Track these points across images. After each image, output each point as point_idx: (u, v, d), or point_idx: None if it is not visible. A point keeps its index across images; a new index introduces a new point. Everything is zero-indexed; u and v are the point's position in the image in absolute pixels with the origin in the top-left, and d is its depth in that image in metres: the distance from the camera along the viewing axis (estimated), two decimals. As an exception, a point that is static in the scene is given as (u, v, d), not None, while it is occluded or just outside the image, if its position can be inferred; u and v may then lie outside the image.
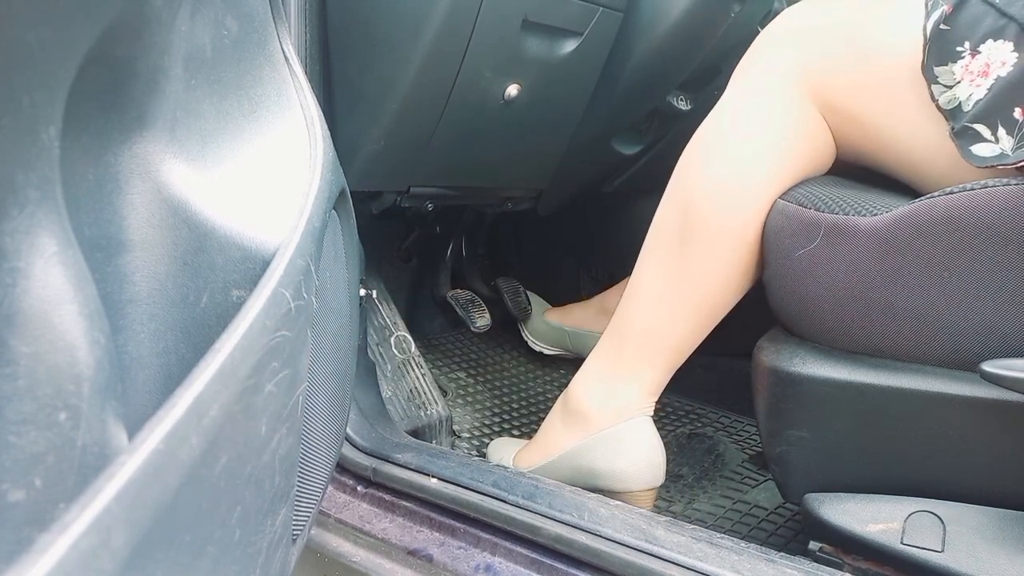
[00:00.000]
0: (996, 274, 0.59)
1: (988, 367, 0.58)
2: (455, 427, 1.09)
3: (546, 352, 1.30)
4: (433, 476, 0.75)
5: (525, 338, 1.33)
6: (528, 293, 1.37)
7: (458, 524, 0.72)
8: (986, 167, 0.61)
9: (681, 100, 1.11)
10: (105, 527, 0.23)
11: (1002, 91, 0.60)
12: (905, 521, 0.65)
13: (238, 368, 0.32)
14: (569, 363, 1.32)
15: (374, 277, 1.11)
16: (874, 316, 0.65)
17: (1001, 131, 0.60)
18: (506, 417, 1.16)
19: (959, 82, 0.63)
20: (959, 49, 0.63)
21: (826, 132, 0.76)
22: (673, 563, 0.62)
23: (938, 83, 0.65)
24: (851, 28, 0.73)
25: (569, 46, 0.91)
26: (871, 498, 0.68)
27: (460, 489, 0.73)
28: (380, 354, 1.03)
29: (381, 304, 1.09)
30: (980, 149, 0.62)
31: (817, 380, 0.68)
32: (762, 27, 1.01)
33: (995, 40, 0.61)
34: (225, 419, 0.31)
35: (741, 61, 0.80)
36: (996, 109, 0.61)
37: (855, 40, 0.72)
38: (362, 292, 0.99)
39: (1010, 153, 0.60)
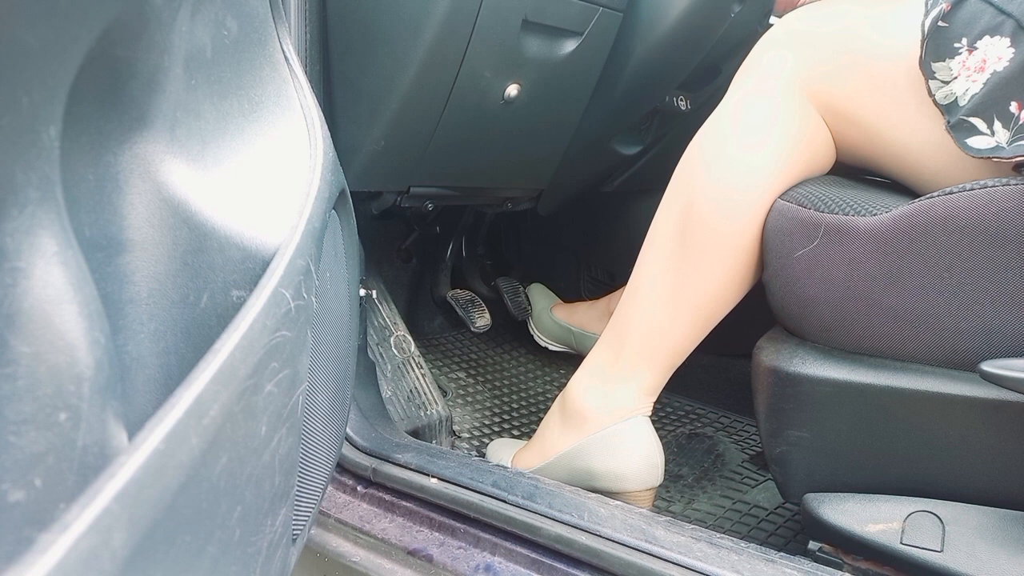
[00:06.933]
0: (996, 274, 0.59)
1: (988, 367, 0.58)
2: (455, 427, 1.09)
3: (551, 348, 1.30)
4: (433, 476, 0.75)
5: (531, 332, 1.32)
6: (535, 285, 1.37)
7: (458, 524, 0.72)
8: (982, 157, 0.61)
9: (681, 100, 1.11)
10: (105, 527, 0.23)
11: (997, 85, 0.61)
12: (905, 521, 0.65)
13: (238, 368, 0.32)
14: (569, 362, 1.32)
15: (374, 277, 1.11)
16: (874, 316, 0.65)
17: (997, 124, 0.61)
18: (506, 417, 1.16)
19: (956, 78, 0.63)
20: (956, 45, 0.63)
21: (827, 135, 0.76)
22: (673, 563, 0.62)
23: (935, 79, 0.65)
24: (851, 32, 0.73)
25: (569, 46, 0.91)
26: (871, 498, 0.68)
27: (460, 489, 0.73)
28: (380, 354, 1.03)
29: (381, 304, 1.09)
30: (976, 141, 0.62)
31: (817, 380, 0.68)
32: (762, 28, 1.01)
33: (992, 36, 0.61)
34: (225, 419, 0.31)
35: (742, 65, 0.80)
36: (992, 103, 0.61)
37: (855, 44, 0.72)
38: (362, 292, 0.99)
39: (1006, 146, 0.60)
